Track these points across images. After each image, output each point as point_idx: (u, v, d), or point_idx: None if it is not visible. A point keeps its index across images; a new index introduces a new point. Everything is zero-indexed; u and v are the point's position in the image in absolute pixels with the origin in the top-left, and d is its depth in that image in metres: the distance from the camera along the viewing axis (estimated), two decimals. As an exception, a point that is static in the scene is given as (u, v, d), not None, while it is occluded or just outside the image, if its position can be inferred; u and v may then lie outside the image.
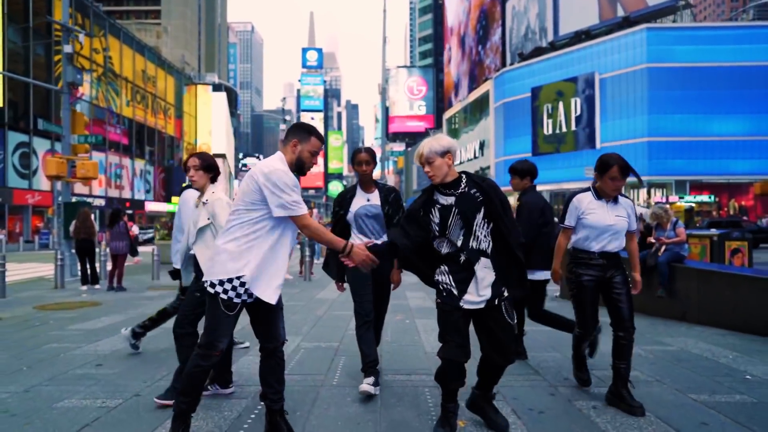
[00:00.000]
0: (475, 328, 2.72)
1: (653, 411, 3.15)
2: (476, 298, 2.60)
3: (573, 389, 3.60)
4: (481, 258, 2.62)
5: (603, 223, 3.33)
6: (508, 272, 2.69)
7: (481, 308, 2.62)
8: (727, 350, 4.75)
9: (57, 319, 6.61)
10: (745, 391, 3.55)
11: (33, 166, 34.42)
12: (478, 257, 2.62)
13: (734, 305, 5.86)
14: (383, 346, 4.64)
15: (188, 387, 2.51)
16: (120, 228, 9.61)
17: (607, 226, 3.33)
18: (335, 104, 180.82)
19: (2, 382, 3.83)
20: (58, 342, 5.21)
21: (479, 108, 51.72)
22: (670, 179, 34.08)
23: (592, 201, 3.43)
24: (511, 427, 2.83)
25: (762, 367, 4.13)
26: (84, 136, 12.57)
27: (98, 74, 40.30)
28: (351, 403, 3.30)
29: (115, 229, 9.59)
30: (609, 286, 3.36)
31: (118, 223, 9.60)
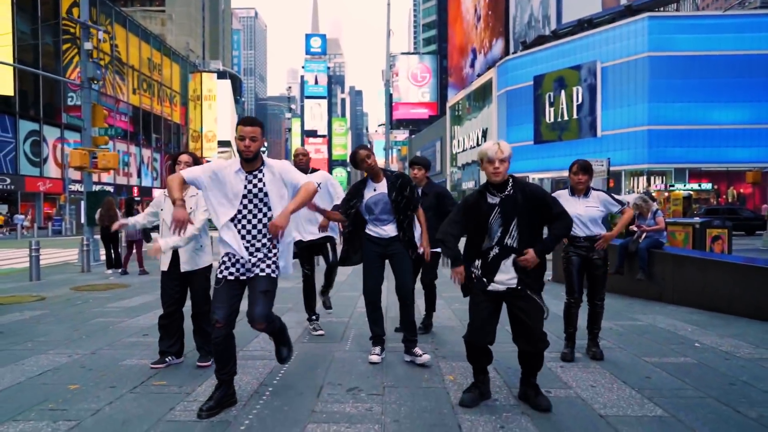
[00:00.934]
0: (509, 319, 3.15)
1: (608, 369, 3.86)
2: (501, 287, 3.02)
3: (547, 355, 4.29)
4: (512, 254, 3.01)
5: (573, 212, 4.02)
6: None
7: (509, 295, 3.01)
8: (689, 324, 5.44)
9: (95, 298, 7.37)
10: (690, 355, 4.26)
11: (44, 153, 35.11)
12: (509, 253, 2.98)
13: (702, 286, 6.55)
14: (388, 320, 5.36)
15: (218, 359, 3.05)
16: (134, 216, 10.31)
17: (577, 215, 4.04)
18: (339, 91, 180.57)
19: (70, 347, 4.57)
20: (103, 317, 5.95)
21: (482, 96, 51.99)
22: (670, 167, 34.52)
23: (567, 197, 4.16)
24: (492, 381, 3.53)
25: (712, 338, 4.83)
26: (104, 128, 13.25)
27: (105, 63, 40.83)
28: (361, 363, 4.02)
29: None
30: (590, 266, 4.15)
31: (132, 211, 10.31)
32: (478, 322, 3.05)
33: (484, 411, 3.05)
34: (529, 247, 2.97)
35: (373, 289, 4.06)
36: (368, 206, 4.00)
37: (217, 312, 2.97)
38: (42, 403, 3.17)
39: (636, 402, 3.18)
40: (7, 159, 31.98)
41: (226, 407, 3.05)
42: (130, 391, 3.39)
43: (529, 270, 2.98)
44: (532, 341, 3.00)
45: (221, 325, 2.95)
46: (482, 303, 3.06)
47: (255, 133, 2.98)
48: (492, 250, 3.02)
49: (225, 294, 3.00)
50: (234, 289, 3.04)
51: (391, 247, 4.02)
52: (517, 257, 2.98)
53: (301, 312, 5.49)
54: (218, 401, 3.02)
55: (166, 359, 3.99)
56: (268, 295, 3.01)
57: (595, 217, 4.16)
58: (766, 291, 5.72)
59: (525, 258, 2.92)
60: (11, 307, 6.65)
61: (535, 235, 3.04)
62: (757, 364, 3.97)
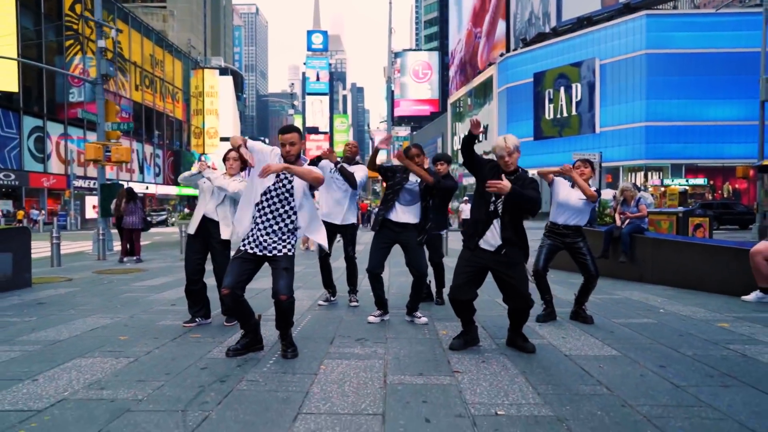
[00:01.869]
0: (496, 284, 3.71)
1: (579, 327, 4.47)
2: (489, 247, 3.59)
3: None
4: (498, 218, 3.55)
5: (565, 198, 4.67)
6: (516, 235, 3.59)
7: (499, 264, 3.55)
8: (660, 297, 6.05)
9: (119, 279, 7.99)
10: (653, 317, 4.87)
11: (47, 149, 35.65)
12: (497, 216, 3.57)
13: (677, 266, 7.16)
14: (390, 291, 5.98)
15: (236, 318, 3.66)
16: (134, 205, 10.86)
17: (568, 202, 4.69)
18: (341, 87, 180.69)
19: (109, 313, 5.19)
20: (131, 293, 6.57)
21: (483, 93, 52.52)
22: (667, 163, 35.11)
23: (566, 184, 4.84)
24: (480, 336, 4.12)
25: (677, 306, 5.44)
26: (116, 123, 13.86)
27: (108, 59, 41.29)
28: (367, 323, 4.63)
29: (130, 206, 10.84)
30: (573, 251, 4.71)
31: (133, 200, 10.86)
32: (458, 282, 3.67)
33: (470, 352, 3.67)
34: (513, 223, 3.55)
35: (375, 266, 4.67)
36: (407, 188, 4.61)
37: (225, 280, 3.45)
38: (101, 347, 3.79)
39: (597, 346, 3.80)
40: (11, 155, 32.51)
41: (252, 351, 3.65)
42: (171, 341, 4.01)
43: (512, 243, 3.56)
44: (520, 301, 3.60)
45: (227, 292, 3.39)
46: (465, 268, 3.67)
47: (293, 139, 3.49)
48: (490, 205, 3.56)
49: (237, 267, 3.46)
50: (248, 264, 3.49)
51: (402, 235, 4.63)
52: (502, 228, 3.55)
53: (309, 289, 6.11)
54: (245, 345, 3.63)
55: (196, 320, 4.60)
56: (289, 271, 3.47)
57: (581, 208, 4.72)
58: (730, 268, 6.32)
59: (500, 183, 3.34)
60: (44, 285, 7.27)
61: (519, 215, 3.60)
62: (708, 323, 4.58)
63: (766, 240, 5.97)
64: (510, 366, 3.34)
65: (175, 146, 55.14)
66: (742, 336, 4.12)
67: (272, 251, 3.49)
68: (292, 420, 2.46)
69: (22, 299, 6.01)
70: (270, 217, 3.51)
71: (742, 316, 4.90)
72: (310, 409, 2.59)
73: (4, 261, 6.55)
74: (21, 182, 33.39)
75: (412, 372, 3.20)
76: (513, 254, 3.59)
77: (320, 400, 2.73)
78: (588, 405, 2.65)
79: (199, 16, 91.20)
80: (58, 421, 2.45)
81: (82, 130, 38.53)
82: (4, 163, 31.93)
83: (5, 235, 6.71)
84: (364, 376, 3.13)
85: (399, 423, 2.43)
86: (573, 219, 4.73)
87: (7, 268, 6.59)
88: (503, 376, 3.12)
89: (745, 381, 3.02)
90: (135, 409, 2.60)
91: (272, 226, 3.51)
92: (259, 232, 3.51)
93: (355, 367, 3.31)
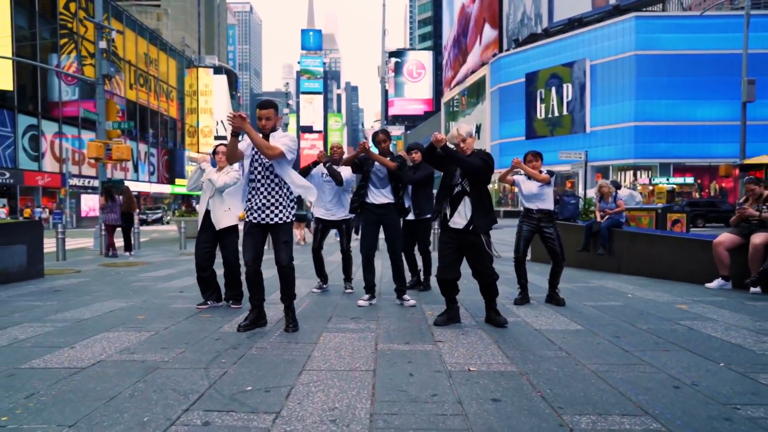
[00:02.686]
0: (467, 261, 4.20)
1: (553, 308, 4.97)
2: (458, 226, 4.09)
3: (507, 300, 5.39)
4: (466, 197, 4.09)
5: (527, 191, 5.16)
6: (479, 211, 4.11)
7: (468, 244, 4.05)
8: (631, 286, 6.56)
9: (125, 271, 8.41)
10: (621, 301, 5.38)
11: (42, 148, 35.78)
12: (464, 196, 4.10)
13: (651, 258, 7.68)
14: (382, 279, 6.45)
15: (250, 288, 4.10)
16: (118, 202, 11.38)
17: (531, 192, 5.18)
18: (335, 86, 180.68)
19: (123, 298, 5.63)
20: (139, 282, 7.01)
21: (476, 92, 53.08)
22: (655, 162, 35.79)
23: (524, 179, 5.37)
24: (462, 316, 4.61)
25: (645, 292, 5.95)
26: (117, 122, 14.24)
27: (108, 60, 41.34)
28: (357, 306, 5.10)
29: (109, 204, 11.36)
30: (543, 236, 5.24)
31: (111, 198, 11.40)
32: (444, 262, 4.16)
33: (451, 327, 4.15)
34: (476, 190, 4.08)
35: (368, 248, 5.17)
36: (374, 172, 5.15)
37: (246, 254, 3.99)
38: (123, 324, 4.24)
39: (564, 323, 4.30)
40: (6, 153, 32.66)
41: (258, 327, 4.12)
42: (185, 319, 4.47)
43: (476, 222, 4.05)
44: (482, 274, 4.13)
45: (250, 264, 3.95)
46: (448, 249, 4.15)
47: (269, 114, 3.92)
48: (456, 188, 4.12)
49: (251, 240, 3.98)
50: (258, 236, 3.99)
51: (386, 217, 5.13)
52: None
53: (306, 279, 6.57)
54: (252, 321, 4.09)
55: (207, 302, 5.06)
56: (287, 243, 4.00)
57: (542, 194, 5.27)
58: (697, 259, 6.85)
59: (438, 135, 3.95)
60: (55, 276, 7.69)
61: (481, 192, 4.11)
62: (668, 305, 5.09)
63: (727, 232, 6.49)
64: (485, 337, 3.82)
65: (169, 145, 55.27)
66: (695, 314, 4.63)
67: (273, 219, 3.95)
68: (297, 374, 2.93)
69: (39, 287, 6.43)
70: (263, 190, 3.95)
71: (700, 300, 5.41)
72: (312, 367, 3.06)
73: (19, 253, 6.97)
74: (15, 180, 33.52)
75: (399, 341, 3.68)
76: (482, 228, 4.06)
77: (321, 361, 3.20)
78: (547, 364, 3.14)
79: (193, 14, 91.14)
80: (101, 374, 2.91)
81: (77, 129, 38.73)
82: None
83: (19, 228, 7.12)
84: (358, 344, 3.60)
85: (387, 376, 2.90)
86: (541, 203, 5.29)
87: (22, 260, 7.01)
88: (478, 345, 3.60)
89: (684, 347, 3.52)
90: (164, 367, 3.06)
91: (268, 199, 3.94)
92: (258, 203, 3.96)
93: (350, 338, 3.79)
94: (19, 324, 4.26)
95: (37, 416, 2.33)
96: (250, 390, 2.66)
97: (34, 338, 3.77)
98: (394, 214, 5.19)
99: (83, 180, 39.30)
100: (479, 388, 2.69)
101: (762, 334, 3.86)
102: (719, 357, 3.27)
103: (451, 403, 2.48)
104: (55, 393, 2.61)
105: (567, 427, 2.21)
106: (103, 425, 2.22)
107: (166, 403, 2.47)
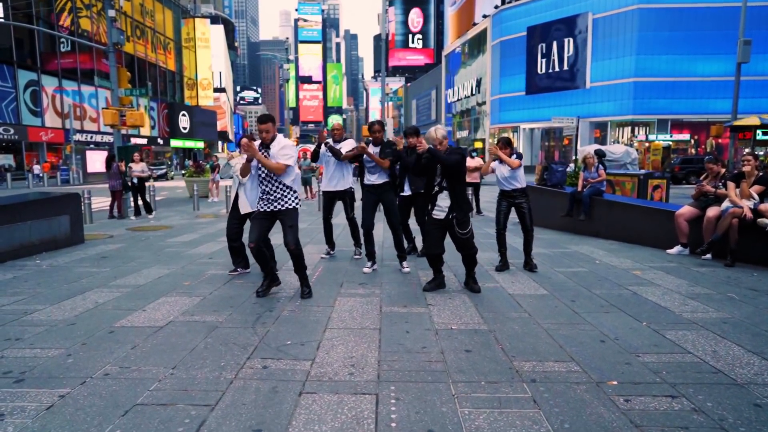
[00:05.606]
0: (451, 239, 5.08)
1: (528, 275, 5.94)
2: (440, 215, 4.99)
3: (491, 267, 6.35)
4: (444, 191, 4.95)
5: (500, 174, 6.07)
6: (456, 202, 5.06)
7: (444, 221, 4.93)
8: (602, 251, 7.51)
9: (153, 236, 9.36)
10: (587, 267, 6.34)
11: (43, 103, 35.97)
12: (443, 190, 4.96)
13: (624, 224, 8.61)
14: (383, 244, 7.42)
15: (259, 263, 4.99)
16: (114, 170, 12.25)
17: (503, 176, 6.08)
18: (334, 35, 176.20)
19: (164, 265, 6.60)
20: (171, 248, 7.96)
21: (477, 45, 52.43)
22: (653, 118, 36.15)
23: (497, 165, 6.21)
24: (451, 281, 5.55)
25: (611, 258, 6.91)
26: (129, 89, 14.82)
27: (97, 9, 40.71)
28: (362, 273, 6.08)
29: (111, 170, 12.25)
30: (518, 209, 6.14)
31: (111, 166, 12.33)
32: (431, 242, 5.08)
33: (441, 292, 5.13)
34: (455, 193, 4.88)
35: (368, 223, 6.12)
36: (366, 163, 6.05)
37: (250, 236, 4.84)
38: (175, 290, 5.22)
39: (534, 288, 5.28)
40: (8, 109, 32.91)
41: (274, 287, 5.08)
42: (223, 285, 5.45)
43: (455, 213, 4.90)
44: (465, 248, 5.05)
45: (253, 245, 4.76)
46: (434, 231, 5.06)
47: (268, 128, 4.70)
48: (435, 186, 4.96)
49: (257, 225, 4.84)
50: (263, 222, 4.83)
51: (382, 195, 6.05)
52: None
53: (316, 244, 7.51)
54: (267, 286, 5.04)
55: (237, 269, 6.03)
56: (293, 228, 4.76)
57: (514, 175, 6.14)
58: (662, 226, 7.77)
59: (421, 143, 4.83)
60: (94, 242, 8.64)
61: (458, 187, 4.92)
62: (626, 271, 6.06)
63: (688, 205, 7.38)
64: (468, 301, 4.80)
65: (169, 98, 55.12)
66: (644, 280, 5.60)
67: (278, 207, 4.78)
68: (322, 332, 3.91)
69: (86, 254, 7.40)
70: (268, 188, 4.79)
71: (656, 266, 6.37)
72: (332, 326, 4.05)
73: (63, 222, 7.89)
74: (20, 136, 33.95)
75: (399, 305, 4.66)
76: (460, 216, 4.92)
77: (338, 321, 4.18)
78: (511, 323, 4.12)
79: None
80: (177, 332, 3.89)
81: (76, 83, 38.77)
82: (2, 117, 32.37)
83: (62, 200, 8.01)
84: (366, 307, 4.58)
85: (390, 333, 3.89)
86: (514, 184, 6.16)
87: (66, 228, 7.95)
88: (461, 308, 4.58)
89: (622, 309, 4.50)
90: (221, 326, 4.05)
91: (272, 193, 4.78)
92: (265, 196, 4.81)
93: (359, 302, 4.77)
94: (91, 289, 5.23)
95: (146, 361, 3.32)
96: (290, 344, 3.65)
97: (111, 302, 4.76)
98: (390, 192, 6.11)
99: (85, 135, 39.69)
100: (457, 342, 3.67)
101: (690, 299, 4.83)
102: (645, 317, 4.25)
103: (436, 353, 3.47)
104: (150, 345, 3.60)
105: (514, 370, 3.20)
106: (195, 367, 3.21)
107: (233, 353, 3.45)
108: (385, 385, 2.96)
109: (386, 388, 2.92)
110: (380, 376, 3.08)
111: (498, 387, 2.94)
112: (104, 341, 3.69)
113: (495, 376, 3.10)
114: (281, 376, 3.09)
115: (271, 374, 3.12)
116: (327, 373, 3.13)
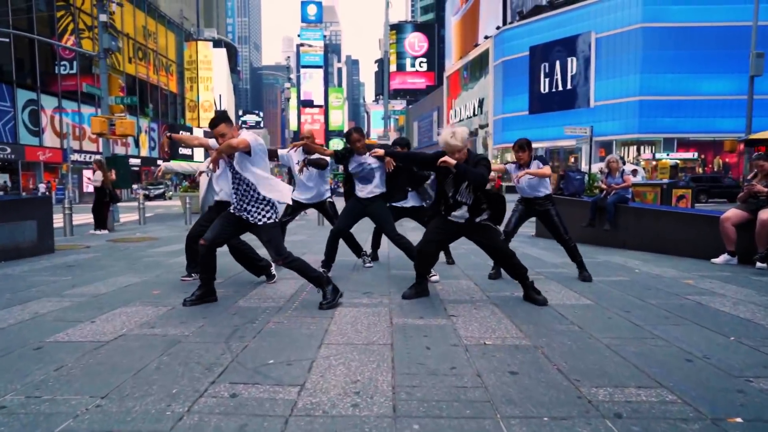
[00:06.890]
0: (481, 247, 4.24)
1: (564, 284, 5.02)
2: (459, 220, 4.09)
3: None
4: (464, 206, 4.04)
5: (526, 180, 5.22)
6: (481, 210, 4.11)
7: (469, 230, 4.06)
8: (638, 261, 6.61)
9: (134, 247, 8.47)
10: (628, 276, 5.43)
11: (42, 123, 35.52)
12: (460, 206, 4.06)
13: (656, 233, 7.72)
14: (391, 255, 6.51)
15: (201, 265, 4.06)
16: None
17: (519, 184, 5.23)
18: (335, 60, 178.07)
19: (136, 274, 5.70)
20: (149, 258, 7.07)
21: (479, 66, 52.35)
22: (659, 137, 35.53)
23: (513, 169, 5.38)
24: (472, 290, 4.66)
25: (651, 267, 6.00)
26: (120, 97, 14.12)
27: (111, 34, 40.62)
28: (371, 279, 5.16)
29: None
30: (546, 218, 5.24)
31: None
32: (427, 238, 4.18)
33: (463, 301, 4.21)
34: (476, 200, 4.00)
35: (340, 230, 5.31)
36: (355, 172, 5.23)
37: (207, 233, 4.00)
38: (139, 299, 4.31)
39: (574, 298, 4.36)
40: (6, 128, 32.45)
41: (206, 302, 4.12)
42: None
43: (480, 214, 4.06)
44: (502, 257, 4.16)
45: (204, 243, 3.95)
46: (436, 230, 4.17)
47: (223, 131, 3.88)
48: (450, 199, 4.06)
49: (219, 226, 4.00)
50: (230, 226, 4.01)
51: (370, 207, 5.19)
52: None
53: (314, 254, 6.63)
54: (199, 297, 4.09)
55: (191, 275, 5.24)
56: (272, 241, 3.95)
57: (532, 184, 5.28)
58: (701, 234, 6.88)
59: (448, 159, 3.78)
60: (66, 252, 7.75)
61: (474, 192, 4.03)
62: (675, 280, 5.15)
63: (734, 208, 6.51)
64: (498, 312, 3.89)
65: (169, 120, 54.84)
66: (702, 289, 4.69)
67: (250, 219, 3.96)
68: (317, 348, 3.00)
69: (52, 263, 6.50)
70: (239, 193, 3.98)
71: (707, 275, 5.46)
72: (331, 341, 3.13)
73: (29, 228, 7.02)
74: (17, 156, 33.40)
75: (413, 316, 3.75)
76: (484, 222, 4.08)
77: (338, 335, 3.26)
78: (561, 337, 3.20)
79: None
80: (125, 348, 2.98)
81: (77, 104, 38.41)
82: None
83: (30, 204, 7.16)
84: (373, 318, 3.67)
85: (405, 349, 2.97)
86: (541, 190, 5.30)
87: (32, 235, 7.06)
88: (492, 319, 3.66)
89: (693, 321, 3.58)
90: (185, 341, 3.13)
91: (244, 200, 3.96)
92: (238, 199, 4.01)
93: (364, 312, 3.85)
94: (37, 299, 4.33)
95: (69, 387, 2.40)
96: (273, 363, 2.73)
97: (55, 313, 3.84)
98: (378, 202, 5.21)
99: (84, 155, 39.15)
100: (496, 362, 2.75)
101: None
102: (729, 331, 3.33)
103: (470, 376, 2.55)
104: (83, 365, 2.68)
105: (585, 399, 2.28)
106: (134, 396, 2.29)
107: (192, 376, 2.54)
108: (405, 423, 2.05)
109: (407, 427, 2.01)
110: (397, 409, 2.17)
111: (571, 426, 2.02)
112: (22, 360, 2.78)
113: (560, 408, 2.18)
114: (255, 408, 2.18)
115: (240, 406, 2.20)
116: (321, 404, 2.22)
